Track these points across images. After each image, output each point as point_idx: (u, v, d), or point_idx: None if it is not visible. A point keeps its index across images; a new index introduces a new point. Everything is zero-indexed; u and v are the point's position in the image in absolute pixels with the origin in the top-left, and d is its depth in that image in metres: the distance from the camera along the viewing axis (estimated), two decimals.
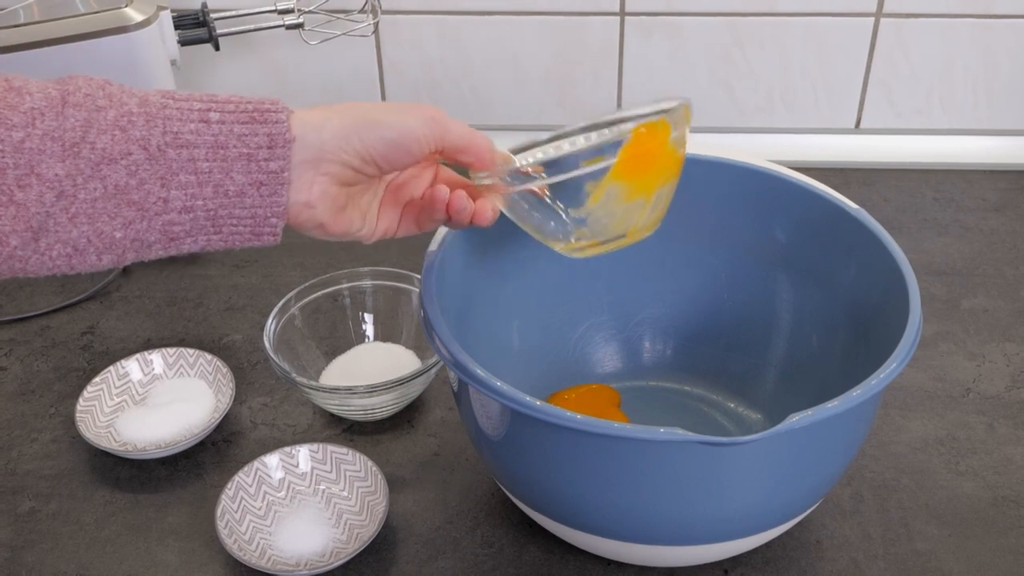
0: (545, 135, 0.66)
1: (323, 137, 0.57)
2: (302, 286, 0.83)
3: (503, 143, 0.67)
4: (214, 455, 0.79)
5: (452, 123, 0.60)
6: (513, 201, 0.64)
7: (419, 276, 0.68)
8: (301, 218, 0.59)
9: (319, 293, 0.84)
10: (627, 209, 0.63)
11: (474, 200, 0.63)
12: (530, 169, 0.62)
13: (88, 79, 0.55)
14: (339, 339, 0.84)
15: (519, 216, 0.65)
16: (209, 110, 0.54)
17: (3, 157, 0.52)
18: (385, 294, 0.85)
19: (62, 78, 0.55)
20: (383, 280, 0.85)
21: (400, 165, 0.60)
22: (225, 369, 0.83)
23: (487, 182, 0.63)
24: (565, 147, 0.64)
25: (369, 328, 0.85)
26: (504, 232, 0.74)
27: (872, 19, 1.04)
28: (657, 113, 0.63)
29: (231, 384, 0.82)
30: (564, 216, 0.63)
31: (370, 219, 0.63)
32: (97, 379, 0.82)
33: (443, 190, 0.62)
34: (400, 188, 0.64)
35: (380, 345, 0.85)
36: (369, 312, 0.85)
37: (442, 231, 0.70)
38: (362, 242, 0.64)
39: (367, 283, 0.85)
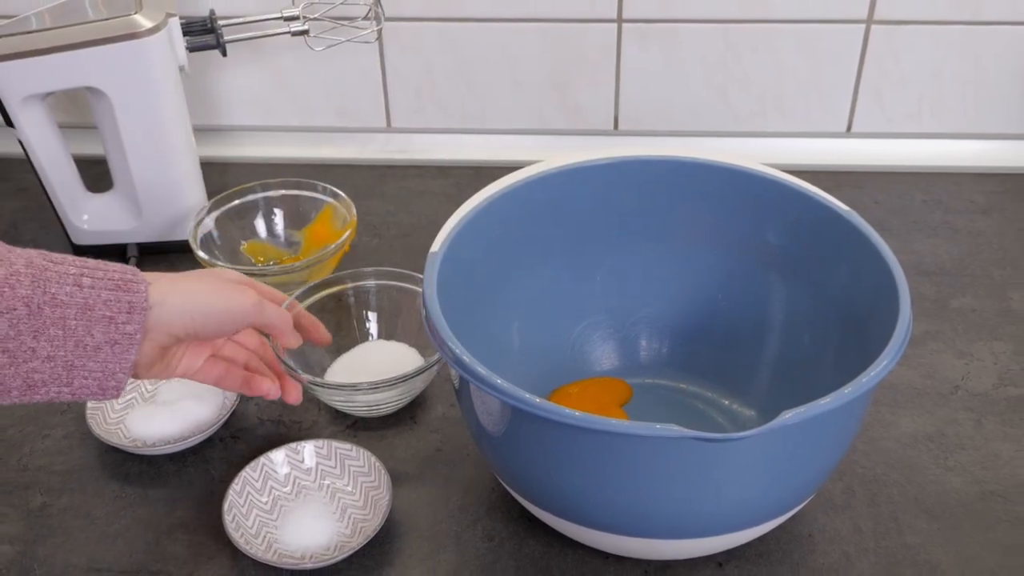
0: None
1: (165, 311, 0.63)
2: (308, 286, 0.83)
3: (503, 146, 0.67)
4: (221, 451, 0.79)
5: (269, 309, 0.69)
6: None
7: (421, 276, 0.69)
8: None
9: (324, 293, 0.84)
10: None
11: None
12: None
13: None
14: (344, 337, 0.84)
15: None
16: (82, 275, 0.60)
17: None
18: (388, 293, 0.85)
19: None
20: (386, 280, 0.85)
21: (216, 336, 0.69)
22: None
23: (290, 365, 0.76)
24: None
25: (373, 326, 0.85)
26: (504, 233, 0.74)
27: (863, 25, 1.04)
28: None
29: None
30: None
31: (173, 365, 0.68)
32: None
33: (260, 387, 0.72)
34: (208, 343, 0.71)
35: (384, 343, 0.85)
36: (373, 311, 0.85)
37: (444, 232, 0.70)
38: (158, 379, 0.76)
39: (371, 283, 0.85)
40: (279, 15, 0.98)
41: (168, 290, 0.64)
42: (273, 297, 0.75)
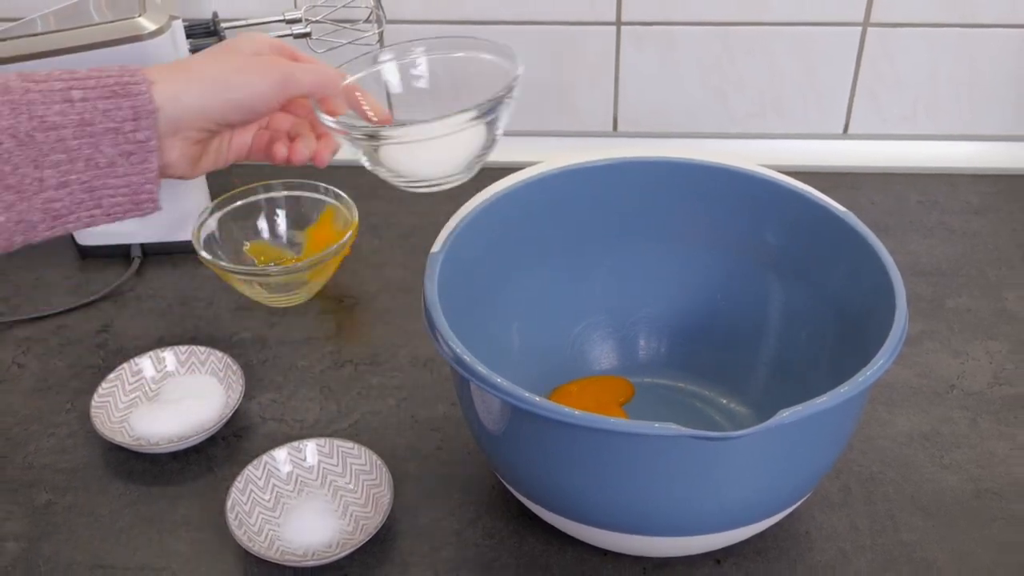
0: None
1: (179, 108, 0.57)
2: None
3: (503, 147, 0.67)
4: (224, 449, 0.79)
5: (303, 76, 0.62)
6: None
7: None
8: (163, 175, 0.61)
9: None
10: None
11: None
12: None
13: None
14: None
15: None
16: (71, 89, 0.54)
17: None
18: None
19: None
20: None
21: (250, 121, 0.64)
22: (235, 366, 0.83)
23: (331, 125, 0.64)
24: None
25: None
26: (504, 234, 0.74)
27: (859, 28, 1.04)
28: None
29: (241, 381, 0.82)
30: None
31: (222, 155, 0.64)
32: (111, 376, 0.82)
33: (281, 151, 0.66)
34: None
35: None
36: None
37: (444, 233, 0.70)
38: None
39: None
40: (281, 18, 0.98)
41: (180, 88, 0.57)
42: (292, 53, 0.66)
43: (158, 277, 0.97)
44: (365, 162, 0.67)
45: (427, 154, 0.66)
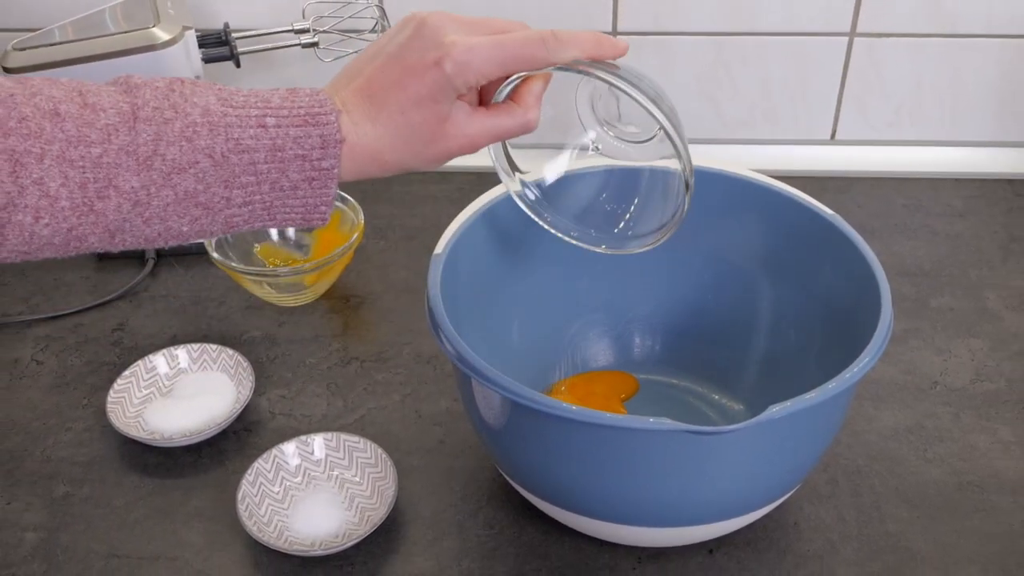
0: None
1: (354, 150, 0.55)
2: None
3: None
4: (235, 443, 0.79)
5: (492, 132, 0.58)
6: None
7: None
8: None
9: None
10: None
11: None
12: None
13: (154, 87, 0.54)
14: None
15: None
16: (265, 115, 0.54)
17: (84, 172, 0.52)
18: None
19: (128, 84, 0.55)
20: None
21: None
22: (245, 363, 0.83)
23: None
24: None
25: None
26: (504, 236, 0.74)
27: (846, 38, 1.04)
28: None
29: (251, 377, 0.81)
30: None
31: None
32: (127, 372, 0.82)
33: None
34: None
35: None
36: None
37: (447, 235, 0.70)
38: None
39: None
40: (290, 28, 0.98)
41: (363, 129, 0.55)
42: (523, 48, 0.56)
43: (171, 278, 0.97)
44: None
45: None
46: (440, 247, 0.69)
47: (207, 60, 0.94)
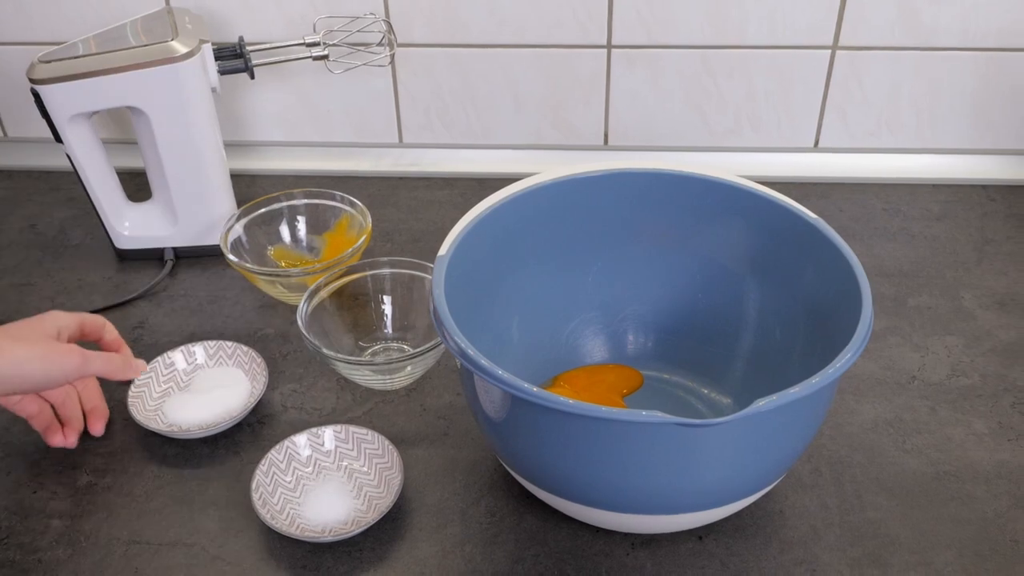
0: None
1: None
2: (330, 273, 0.83)
3: (504, 160, 0.67)
4: (249, 435, 0.79)
5: (93, 364, 0.70)
6: None
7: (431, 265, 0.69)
8: None
9: (345, 279, 0.84)
10: None
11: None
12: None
13: None
14: (364, 318, 0.84)
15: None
16: None
17: None
18: (401, 279, 0.85)
19: None
20: (399, 268, 0.85)
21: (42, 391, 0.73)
22: (259, 359, 0.83)
23: None
24: None
25: (388, 309, 0.86)
26: (505, 238, 0.74)
27: (829, 51, 1.04)
28: None
29: (265, 373, 0.81)
30: None
31: (10, 406, 0.73)
32: (147, 368, 0.82)
33: (57, 439, 0.76)
34: None
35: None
36: (387, 295, 0.86)
37: (451, 237, 0.70)
38: None
39: (386, 271, 0.85)
40: (302, 41, 0.98)
41: None
42: (94, 329, 0.75)
43: (189, 278, 0.97)
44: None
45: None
46: (444, 249, 0.69)
47: (223, 72, 0.94)
